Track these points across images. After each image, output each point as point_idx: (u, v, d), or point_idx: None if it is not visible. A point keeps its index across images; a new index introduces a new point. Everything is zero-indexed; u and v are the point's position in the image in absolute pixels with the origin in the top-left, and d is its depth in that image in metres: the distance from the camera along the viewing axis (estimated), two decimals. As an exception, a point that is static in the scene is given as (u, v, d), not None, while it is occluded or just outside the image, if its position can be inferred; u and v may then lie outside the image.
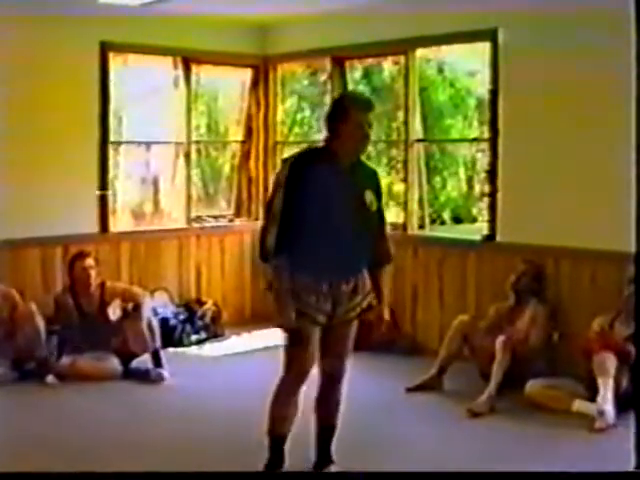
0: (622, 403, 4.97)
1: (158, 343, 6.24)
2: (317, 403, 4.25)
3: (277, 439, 4.11)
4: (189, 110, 7.70)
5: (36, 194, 6.59)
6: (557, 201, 6.04)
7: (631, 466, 3.16)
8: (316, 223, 3.94)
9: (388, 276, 4.32)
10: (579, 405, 5.18)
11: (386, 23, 6.93)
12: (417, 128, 7.13)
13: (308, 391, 4.19)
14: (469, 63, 9.30)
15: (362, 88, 8.89)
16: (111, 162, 7.19)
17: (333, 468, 4.24)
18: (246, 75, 8.08)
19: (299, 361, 4.03)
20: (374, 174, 4.28)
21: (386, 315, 4.29)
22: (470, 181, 10.70)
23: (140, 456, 4.54)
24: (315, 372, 4.20)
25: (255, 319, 7.76)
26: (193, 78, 7.71)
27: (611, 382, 5.08)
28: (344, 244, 4.00)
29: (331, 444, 4.27)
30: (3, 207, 6.27)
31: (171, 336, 7.00)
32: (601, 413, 4.97)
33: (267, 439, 4.12)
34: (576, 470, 4.04)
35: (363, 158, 4.34)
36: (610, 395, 5.03)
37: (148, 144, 7.80)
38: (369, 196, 4.08)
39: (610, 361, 5.11)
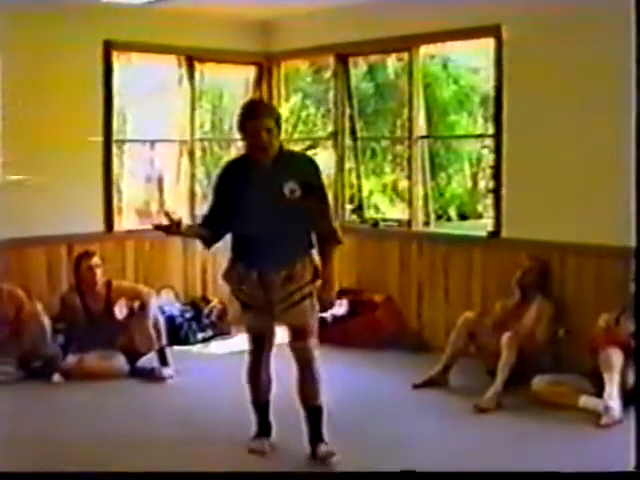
0: (628, 399, 4.96)
1: (164, 341, 6.26)
2: (298, 389, 4.51)
3: (259, 406, 4.64)
4: (193, 108, 7.70)
5: (40, 193, 6.58)
6: (562, 197, 6.02)
7: (631, 466, 3.14)
8: (240, 220, 4.34)
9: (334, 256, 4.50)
10: (585, 401, 5.17)
11: (390, 20, 6.92)
12: (421, 125, 7.12)
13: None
14: (473, 59, 9.30)
15: (366, 85, 8.90)
16: (115, 161, 7.20)
17: (323, 447, 4.42)
18: (250, 73, 8.08)
19: (252, 346, 4.57)
20: (305, 162, 4.55)
21: (325, 295, 4.47)
22: (475, 177, 10.70)
23: (146, 454, 4.54)
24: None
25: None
26: (197, 76, 7.71)
27: (617, 378, 5.07)
28: (267, 237, 4.32)
29: (320, 425, 4.48)
30: (8, 206, 6.28)
31: (177, 334, 7.01)
32: (607, 409, 4.96)
33: (252, 409, 4.65)
34: (582, 466, 4.05)
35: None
36: (616, 391, 5.03)
37: (152, 142, 7.80)
38: (290, 186, 4.31)
39: (616, 357, 5.11)
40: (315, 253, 4.48)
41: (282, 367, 4.57)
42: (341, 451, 4.38)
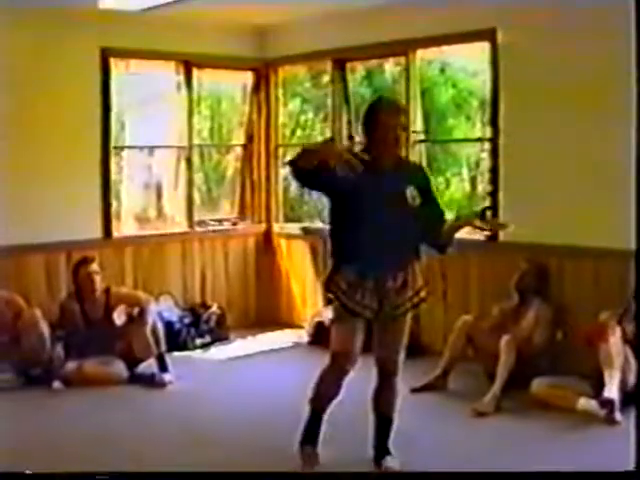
0: (628, 399, 4.97)
1: (163, 347, 6.27)
2: (373, 396, 4.45)
3: (316, 410, 4.39)
4: (191, 114, 7.70)
5: (39, 200, 6.60)
6: (560, 200, 6.03)
7: (631, 466, 3.14)
8: (358, 222, 4.10)
9: None
10: (584, 403, 5.17)
11: (386, 24, 6.94)
12: (419, 129, 7.14)
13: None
14: (471, 63, 9.29)
15: (364, 90, 8.90)
16: (114, 167, 7.21)
17: (389, 460, 4.37)
18: (248, 78, 8.10)
19: (341, 358, 4.25)
20: (420, 170, 4.49)
21: None
22: (474, 181, 10.69)
23: (146, 460, 4.55)
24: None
25: (260, 322, 7.76)
26: (195, 82, 7.71)
27: (617, 374, 5.05)
28: (387, 241, 4.11)
29: (389, 437, 4.43)
30: (7, 213, 6.29)
31: (176, 340, 7.01)
32: (605, 403, 4.96)
33: (308, 407, 4.40)
34: (581, 468, 4.05)
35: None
36: (616, 387, 5.01)
37: (151, 149, 7.81)
38: (411, 192, 4.18)
39: (617, 350, 5.08)
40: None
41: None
42: (339, 454, 4.39)
